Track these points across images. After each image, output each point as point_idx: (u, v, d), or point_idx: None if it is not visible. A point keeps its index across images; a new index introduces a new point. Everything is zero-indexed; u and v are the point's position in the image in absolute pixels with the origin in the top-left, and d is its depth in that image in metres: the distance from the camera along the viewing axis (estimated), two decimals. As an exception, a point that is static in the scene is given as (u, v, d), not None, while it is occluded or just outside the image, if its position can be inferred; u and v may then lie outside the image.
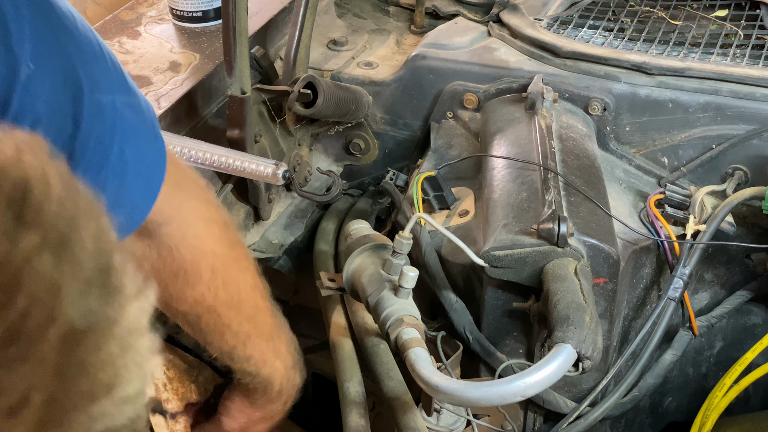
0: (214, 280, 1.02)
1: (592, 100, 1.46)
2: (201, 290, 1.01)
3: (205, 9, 1.58)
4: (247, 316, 1.08)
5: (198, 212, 1.01)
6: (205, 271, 1.01)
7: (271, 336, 1.12)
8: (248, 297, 1.08)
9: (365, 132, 1.64)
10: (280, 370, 1.13)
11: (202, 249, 1.00)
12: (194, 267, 1.00)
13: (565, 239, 1.13)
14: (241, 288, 1.06)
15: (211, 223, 1.02)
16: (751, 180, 1.42)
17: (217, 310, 1.04)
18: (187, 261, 0.98)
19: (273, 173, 1.33)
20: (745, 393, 1.34)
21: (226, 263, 1.04)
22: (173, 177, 0.91)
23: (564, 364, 1.01)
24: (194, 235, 0.99)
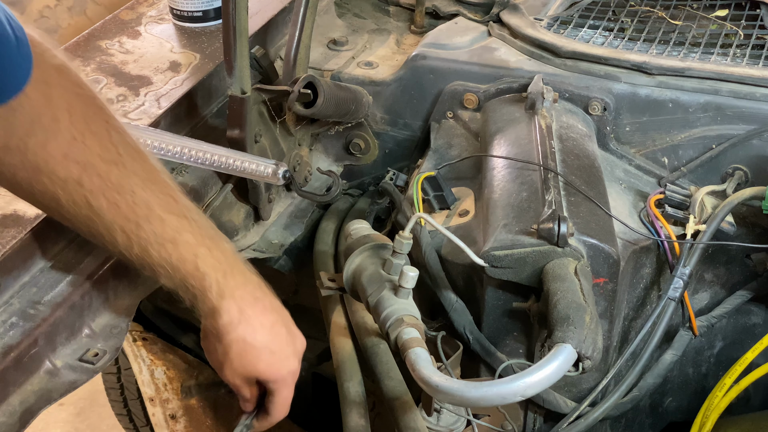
0: (76, 123, 0.90)
1: (592, 100, 1.46)
2: (65, 138, 0.90)
3: (205, 9, 1.58)
4: (141, 181, 0.94)
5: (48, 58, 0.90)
6: (61, 112, 0.90)
7: (183, 214, 0.98)
8: (132, 156, 0.94)
9: (365, 132, 1.64)
10: (208, 259, 0.98)
11: (50, 83, 0.89)
12: (47, 109, 0.89)
13: (565, 239, 1.13)
14: (117, 142, 0.93)
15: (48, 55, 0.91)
16: (751, 180, 1.42)
17: (95, 166, 0.92)
18: (35, 101, 0.87)
19: (273, 173, 1.33)
20: (745, 393, 1.34)
21: (85, 104, 0.92)
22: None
23: (564, 364, 1.01)
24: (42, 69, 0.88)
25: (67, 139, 0.90)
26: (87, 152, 0.91)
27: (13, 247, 1.02)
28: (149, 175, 0.96)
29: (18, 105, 0.87)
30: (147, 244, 0.96)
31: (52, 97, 0.89)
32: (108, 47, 1.52)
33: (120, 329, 1.12)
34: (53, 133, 0.90)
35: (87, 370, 1.05)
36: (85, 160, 0.91)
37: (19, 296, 1.03)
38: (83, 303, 1.09)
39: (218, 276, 0.99)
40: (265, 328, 1.02)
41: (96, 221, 0.95)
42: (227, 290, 0.99)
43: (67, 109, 0.90)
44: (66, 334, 1.06)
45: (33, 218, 1.06)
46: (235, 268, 1.01)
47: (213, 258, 0.99)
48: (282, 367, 1.04)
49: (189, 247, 0.97)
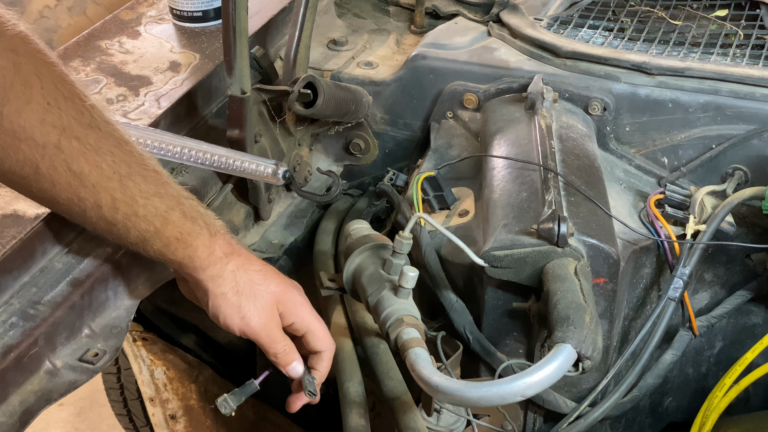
0: (47, 89, 0.90)
1: (592, 100, 1.46)
2: (40, 103, 0.90)
3: (205, 9, 1.58)
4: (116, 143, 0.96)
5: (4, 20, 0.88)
6: (32, 78, 0.89)
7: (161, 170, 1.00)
8: (104, 120, 0.95)
9: (365, 132, 1.64)
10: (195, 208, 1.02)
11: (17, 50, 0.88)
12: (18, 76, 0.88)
13: (565, 239, 1.13)
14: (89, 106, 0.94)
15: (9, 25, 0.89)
16: (751, 180, 1.42)
17: (72, 129, 0.92)
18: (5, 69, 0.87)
19: (273, 173, 1.33)
20: (745, 393, 1.34)
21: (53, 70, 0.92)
22: None
23: (564, 364, 1.01)
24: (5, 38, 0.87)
25: (41, 104, 0.90)
26: (63, 116, 0.92)
27: (13, 247, 1.02)
28: (123, 137, 0.98)
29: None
30: (132, 202, 0.97)
31: (21, 64, 0.89)
32: (108, 47, 1.52)
33: (120, 329, 1.12)
34: (26, 100, 0.89)
35: (87, 370, 1.05)
36: (62, 124, 0.92)
37: (19, 296, 1.03)
38: (83, 303, 1.09)
39: (209, 220, 1.03)
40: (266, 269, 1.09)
41: (77, 186, 0.95)
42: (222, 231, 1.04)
43: (37, 75, 0.90)
44: (66, 334, 1.06)
45: (33, 218, 1.06)
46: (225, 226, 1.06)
47: (200, 206, 1.03)
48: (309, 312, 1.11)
49: (174, 198, 1.00)
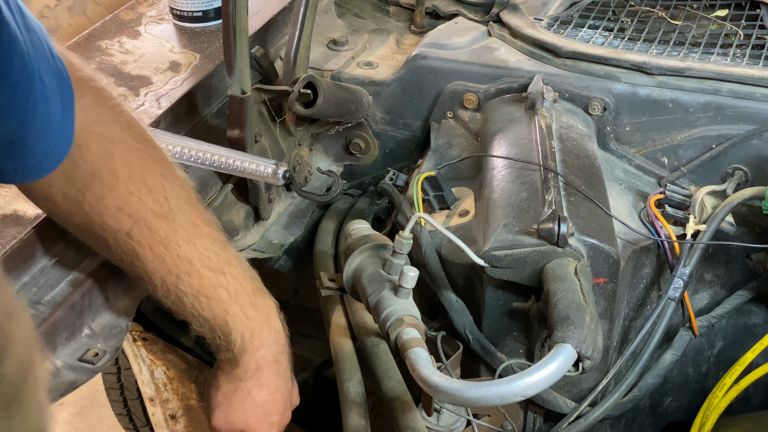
0: (134, 179, 0.93)
1: (592, 100, 1.46)
2: (121, 193, 0.93)
3: (205, 9, 1.58)
4: (186, 236, 0.97)
5: (102, 100, 0.93)
6: (121, 168, 0.93)
7: (222, 270, 1.01)
8: (183, 211, 0.98)
9: (365, 132, 1.64)
10: (238, 316, 1.02)
11: (113, 139, 0.92)
12: (108, 164, 0.91)
13: (565, 239, 1.13)
14: (170, 197, 0.97)
15: (118, 112, 0.94)
16: (751, 180, 1.42)
17: (146, 221, 0.95)
18: (99, 157, 0.90)
19: (273, 173, 1.33)
20: (745, 393, 1.34)
21: (145, 160, 0.95)
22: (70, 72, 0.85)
23: (564, 364, 1.01)
24: (101, 123, 0.91)
25: (123, 194, 0.94)
26: (141, 207, 0.95)
27: (13, 247, 1.02)
28: (197, 230, 1.00)
29: (81, 158, 0.90)
30: (183, 295, 1.00)
31: (114, 153, 0.93)
32: (108, 47, 1.52)
33: (120, 329, 1.12)
34: (111, 188, 0.93)
35: (87, 370, 1.05)
36: (137, 215, 0.95)
37: (18, 296, 1.03)
38: (83, 303, 1.09)
39: (245, 333, 1.03)
40: (269, 389, 1.07)
41: (139, 268, 0.99)
42: (251, 347, 1.04)
43: (126, 165, 0.94)
44: (66, 334, 1.06)
45: (33, 218, 1.06)
46: (265, 326, 1.05)
47: (244, 315, 1.03)
48: (266, 426, 1.10)
49: (222, 303, 1.01)
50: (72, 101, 0.85)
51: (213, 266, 1.00)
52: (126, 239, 0.96)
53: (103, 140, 0.91)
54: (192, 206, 1.00)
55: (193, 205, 1.00)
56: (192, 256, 0.98)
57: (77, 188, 0.92)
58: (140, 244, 0.96)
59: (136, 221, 0.95)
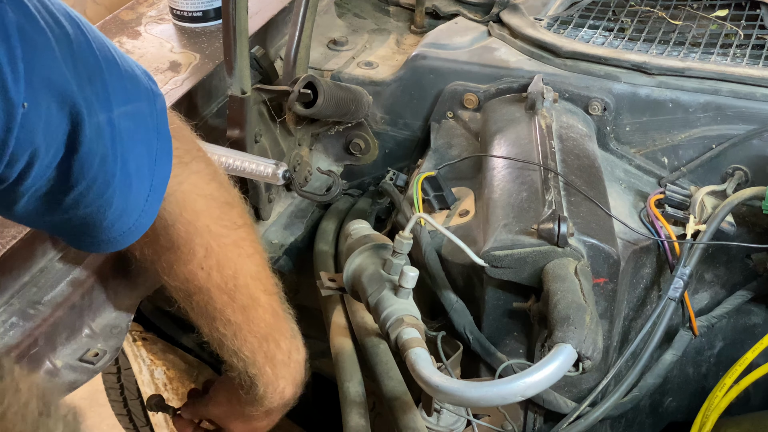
0: (208, 259, 0.99)
1: (592, 100, 1.46)
2: (192, 268, 0.99)
3: (205, 9, 1.58)
4: (241, 307, 1.05)
5: (198, 189, 0.98)
6: (199, 249, 0.99)
7: (265, 336, 1.08)
8: (245, 285, 1.04)
9: (365, 132, 1.64)
10: (268, 375, 1.10)
11: (197, 226, 0.98)
12: (188, 244, 0.97)
13: (565, 239, 1.13)
14: (238, 274, 1.03)
15: (211, 201, 1.00)
16: (751, 180, 1.42)
17: (209, 291, 1.01)
18: (181, 237, 0.96)
19: (273, 173, 1.33)
20: (745, 393, 1.34)
21: (224, 245, 1.01)
22: (177, 153, 0.90)
23: (564, 364, 1.01)
24: (192, 210, 0.97)
25: (194, 269, 1.00)
26: (208, 281, 1.01)
27: (13, 247, 1.02)
28: (252, 302, 1.05)
29: (164, 232, 0.96)
30: (223, 347, 1.07)
31: (195, 238, 0.98)
32: (108, 47, 1.52)
33: (120, 329, 1.12)
34: (185, 263, 0.99)
35: (87, 370, 1.05)
36: (203, 286, 1.01)
37: (19, 296, 1.03)
38: (83, 303, 1.09)
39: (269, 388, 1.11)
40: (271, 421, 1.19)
41: (189, 315, 1.06)
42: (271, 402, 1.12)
43: (205, 248, 0.99)
44: (66, 334, 1.06)
45: (33, 218, 1.06)
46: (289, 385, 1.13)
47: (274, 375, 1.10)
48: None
49: (257, 364, 1.08)
50: (165, 182, 0.89)
51: (258, 333, 1.07)
52: (186, 297, 1.03)
53: (187, 225, 0.97)
54: (257, 281, 1.06)
55: (258, 279, 1.06)
56: (241, 323, 1.05)
57: (154, 250, 0.98)
58: (198, 304, 1.03)
59: (199, 289, 1.01)
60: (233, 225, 1.03)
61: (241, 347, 1.06)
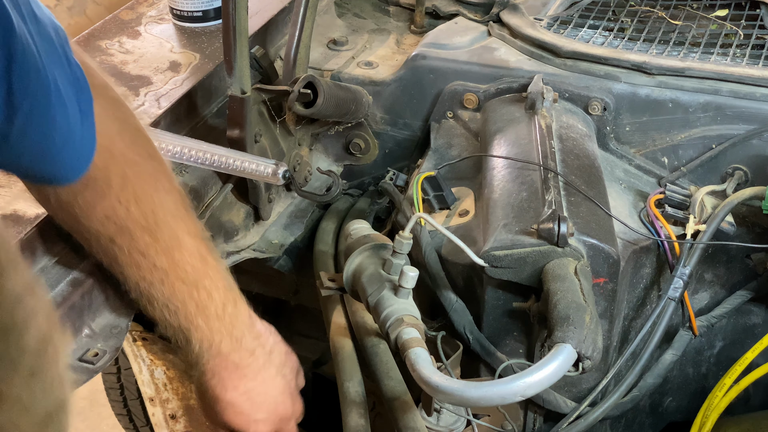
0: (125, 191, 0.96)
1: (592, 100, 1.46)
2: (111, 203, 0.95)
3: (205, 9, 1.58)
4: (165, 248, 1.00)
5: (110, 112, 0.95)
6: (115, 179, 0.95)
7: (195, 283, 1.03)
8: (166, 223, 1.00)
9: (365, 132, 1.64)
10: (202, 329, 1.04)
11: (113, 152, 0.94)
12: (104, 173, 0.94)
13: (565, 239, 1.13)
14: (157, 209, 0.99)
15: (125, 125, 0.96)
16: (751, 180, 1.42)
17: (130, 230, 0.98)
18: (97, 167, 0.92)
19: (273, 173, 1.33)
20: (745, 393, 1.34)
21: (140, 174, 0.97)
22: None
23: (564, 364, 1.01)
24: (107, 135, 0.93)
25: (113, 203, 0.96)
26: (127, 217, 0.98)
27: (13, 247, 1.02)
28: (176, 242, 1.02)
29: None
30: (154, 301, 1.03)
31: (111, 166, 0.95)
32: (108, 47, 1.52)
33: (120, 329, 1.12)
34: (102, 197, 0.95)
35: (87, 370, 1.05)
36: (123, 224, 0.98)
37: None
38: (83, 303, 1.08)
39: (204, 343, 1.05)
40: (236, 390, 1.09)
41: (116, 269, 1.03)
42: (208, 356, 1.06)
43: (121, 176, 0.96)
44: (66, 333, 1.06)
45: (33, 218, 1.06)
46: (225, 337, 1.07)
47: (207, 327, 1.05)
48: (249, 427, 1.11)
49: (189, 315, 1.04)
50: (91, 108, 0.87)
51: (187, 279, 1.02)
52: (108, 243, 0.99)
53: (103, 152, 0.93)
54: (179, 220, 1.02)
55: (180, 218, 1.02)
56: (168, 269, 1.01)
57: (71, 191, 0.94)
58: (121, 249, 0.99)
59: (120, 229, 0.98)
60: (146, 154, 0.99)
61: (171, 297, 1.02)
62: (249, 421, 1.11)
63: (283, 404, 1.14)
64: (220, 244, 1.39)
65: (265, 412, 1.12)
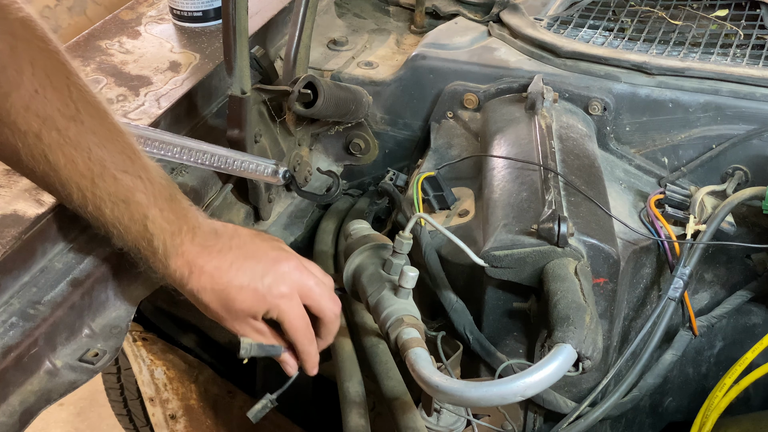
0: (38, 76, 0.91)
1: (592, 100, 1.46)
2: (27, 90, 0.91)
3: (205, 9, 1.58)
4: (97, 140, 0.96)
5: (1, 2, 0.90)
6: (25, 64, 0.91)
7: (137, 174, 0.99)
8: (90, 114, 0.96)
9: (365, 132, 1.64)
10: (158, 222, 0.99)
11: (13, 32, 0.90)
12: (12, 60, 0.89)
13: (565, 239, 1.13)
14: (76, 99, 0.94)
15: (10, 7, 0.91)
16: (751, 180, 1.42)
17: (54, 120, 0.93)
18: (1, 53, 0.88)
19: (273, 173, 1.33)
20: (745, 393, 1.34)
21: (49, 59, 0.93)
22: None
23: (564, 364, 1.01)
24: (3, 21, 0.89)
25: (29, 91, 0.91)
26: (47, 106, 0.93)
27: (13, 247, 1.02)
28: (107, 133, 0.98)
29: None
30: (101, 203, 0.98)
31: (17, 48, 0.91)
32: (108, 47, 1.52)
33: (120, 329, 1.12)
34: (16, 85, 0.91)
35: (87, 370, 1.05)
36: (45, 114, 0.93)
37: (19, 296, 1.03)
38: (83, 303, 1.09)
39: (166, 237, 1.00)
40: (220, 269, 1.02)
41: (53, 176, 0.96)
42: (172, 248, 1.01)
43: (30, 62, 0.91)
44: (66, 334, 1.06)
45: (33, 218, 1.06)
46: (186, 225, 1.02)
47: (163, 219, 1.00)
48: (260, 296, 1.03)
49: (140, 207, 0.99)
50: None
51: (129, 169, 0.98)
52: (36, 142, 0.93)
53: (4, 35, 0.89)
54: (101, 110, 0.98)
55: (102, 110, 0.98)
56: (105, 158, 0.96)
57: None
58: (50, 147, 0.94)
59: (43, 121, 0.93)
60: (47, 37, 0.93)
61: (116, 191, 0.97)
62: (257, 289, 1.03)
63: (279, 257, 1.06)
64: (220, 244, 1.39)
65: (265, 272, 1.04)
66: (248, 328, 1.07)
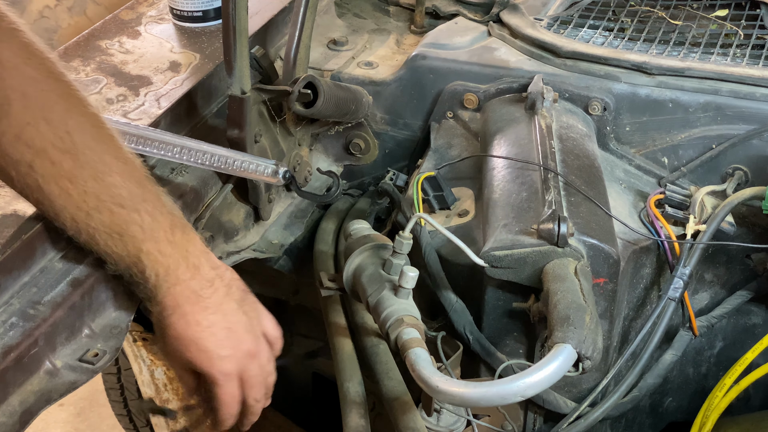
0: (30, 109, 0.91)
1: (592, 100, 1.46)
2: (17, 121, 0.90)
3: (205, 9, 1.58)
4: (93, 172, 0.95)
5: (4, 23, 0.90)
6: (14, 95, 0.90)
7: (134, 207, 0.98)
8: (88, 147, 0.95)
9: (365, 132, 1.64)
10: (153, 256, 0.99)
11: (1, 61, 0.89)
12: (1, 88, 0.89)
13: (565, 239, 1.13)
14: (73, 131, 0.94)
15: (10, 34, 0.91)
16: (751, 180, 1.42)
17: (48, 153, 0.92)
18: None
19: (273, 173, 1.33)
20: (745, 393, 1.34)
21: (44, 92, 0.92)
22: None
23: (564, 364, 1.01)
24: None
25: (19, 122, 0.91)
26: (39, 138, 0.92)
27: (13, 247, 1.02)
28: (104, 166, 0.97)
29: None
30: (95, 233, 0.98)
31: (5, 78, 0.90)
32: (108, 47, 1.52)
33: (120, 329, 1.12)
34: (4, 114, 0.90)
35: (87, 370, 1.05)
36: (37, 146, 0.92)
37: (19, 296, 1.03)
38: (83, 303, 1.08)
39: (159, 270, 1.00)
40: (199, 325, 1.02)
41: (46, 205, 0.96)
42: (165, 284, 1.01)
43: (21, 93, 0.91)
44: (66, 334, 1.06)
45: (33, 218, 1.06)
46: (182, 262, 1.01)
47: (158, 252, 1.00)
48: (213, 364, 1.04)
49: (135, 241, 0.99)
50: None
51: (125, 203, 0.97)
52: (28, 171, 0.93)
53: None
54: (102, 143, 0.97)
55: (103, 142, 0.97)
56: (100, 192, 0.96)
57: None
58: (44, 178, 0.93)
59: (36, 153, 0.92)
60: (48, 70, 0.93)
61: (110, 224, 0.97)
62: (213, 357, 1.04)
63: (246, 342, 1.07)
64: (220, 244, 1.39)
65: (229, 349, 1.05)
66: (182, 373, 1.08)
